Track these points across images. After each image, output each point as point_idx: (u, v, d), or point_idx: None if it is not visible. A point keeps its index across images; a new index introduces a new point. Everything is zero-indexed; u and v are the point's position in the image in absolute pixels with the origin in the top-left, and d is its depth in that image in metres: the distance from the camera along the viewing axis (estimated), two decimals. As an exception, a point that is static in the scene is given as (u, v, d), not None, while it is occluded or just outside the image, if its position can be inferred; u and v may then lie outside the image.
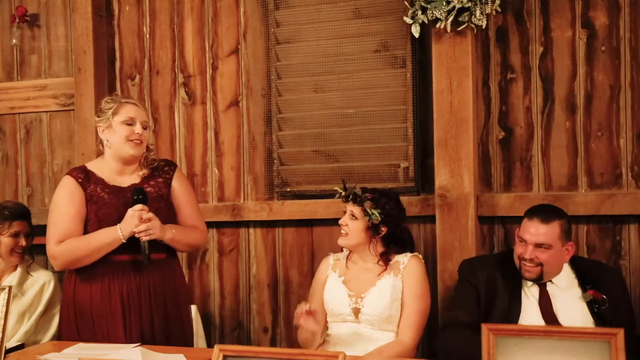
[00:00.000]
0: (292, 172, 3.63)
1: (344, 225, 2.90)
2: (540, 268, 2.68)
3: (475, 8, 3.05)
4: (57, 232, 2.75)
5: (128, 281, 2.75)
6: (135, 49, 3.91)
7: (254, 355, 1.84)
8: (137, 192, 2.74)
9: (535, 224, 2.69)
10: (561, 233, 2.68)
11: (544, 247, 2.66)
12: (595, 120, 3.15)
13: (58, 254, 2.75)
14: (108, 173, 2.85)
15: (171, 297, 2.84)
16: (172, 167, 2.97)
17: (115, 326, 2.72)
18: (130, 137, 2.80)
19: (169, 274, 2.85)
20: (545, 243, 2.66)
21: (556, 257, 2.69)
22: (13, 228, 3.21)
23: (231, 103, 3.75)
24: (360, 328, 2.84)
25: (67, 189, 2.80)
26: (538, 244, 2.66)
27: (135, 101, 2.90)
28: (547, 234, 2.66)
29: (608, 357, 1.65)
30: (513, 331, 1.76)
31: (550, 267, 2.69)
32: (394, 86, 3.43)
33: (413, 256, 2.90)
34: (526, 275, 2.71)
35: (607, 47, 3.13)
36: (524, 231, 2.71)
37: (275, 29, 3.63)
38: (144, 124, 2.85)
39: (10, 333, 2.98)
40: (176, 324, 2.85)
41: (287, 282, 3.68)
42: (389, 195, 2.95)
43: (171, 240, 2.79)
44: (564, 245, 2.69)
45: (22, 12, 4.00)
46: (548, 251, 2.66)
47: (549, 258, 2.67)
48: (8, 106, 4.10)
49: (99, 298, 2.74)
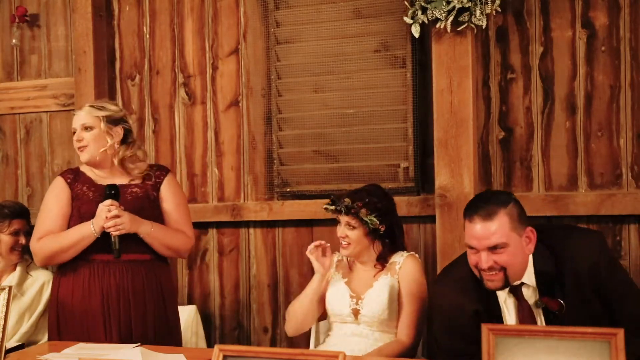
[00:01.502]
0: (292, 172, 3.63)
1: (343, 237, 2.85)
2: (502, 273, 2.24)
3: (475, 8, 3.05)
4: (40, 229, 2.81)
5: (108, 281, 2.75)
6: (135, 49, 3.91)
7: (254, 355, 1.84)
8: (109, 187, 2.73)
9: (478, 224, 2.24)
10: (512, 223, 2.24)
11: (498, 249, 2.22)
12: (595, 120, 3.15)
13: (37, 250, 2.81)
14: (94, 174, 2.88)
15: (153, 299, 2.81)
16: (164, 172, 2.96)
17: (96, 326, 2.73)
18: (75, 146, 2.85)
19: (152, 276, 2.82)
20: (498, 244, 2.22)
21: (517, 254, 2.25)
22: (13, 226, 3.23)
23: (231, 103, 3.75)
24: (360, 329, 2.84)
25: (55, 189, 2.86)
26: (490, 247, 2.23)
27: (81, 109, 2.90)
28: (496, 233, 2.21)
29: (608, 357, 1.65)
30: (513, 331, 1.76)
31: (515, 267, 2.26)
32: (394, 86, 3.43)
33: (409, 255, 2.89)
34: (490, 286, 2.28)
35: (607, 47, 3.13)
36: (469, 237, 2.27)
37: (275, 29, 3.63)
38: (83, 126, 2.84)
39: (10, 333, 2.98)
40: (159, 327, 2.82)
41: (287, 282, 3.68)
42: (374, 192, 2.89)
43: (148, 235, 2.76)
44: (521, 235, 2.25)
45: (22, 12, 4.00)
46: (505, 250, 2.22)
47: (509, 258, 2.23)
48: (8, 106, 4.10)
49: (79, 297, 2.76)
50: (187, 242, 2.91)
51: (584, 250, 2.31)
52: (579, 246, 2.33)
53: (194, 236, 2.98)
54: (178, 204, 2.92)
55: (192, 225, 2.97)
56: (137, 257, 2.78)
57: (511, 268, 2.25)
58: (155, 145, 3.87)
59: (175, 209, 2.90)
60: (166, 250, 2.86)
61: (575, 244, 2.35)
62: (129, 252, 2.76)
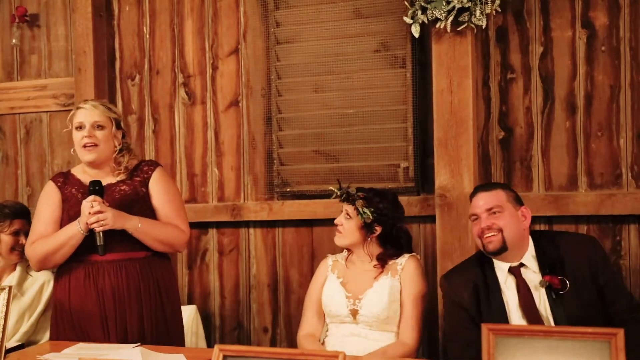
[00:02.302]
0: (292, 172, 3.63)
1: (338, 224, 2.91)
2: (500, 234, 2.57)
3: (475, 8, 3.05)
4: (33, 234, 2.81)
5: (103, 281, 2.72)
6: (135, 49, 3.91)
7: (254, 355, 1.84)
8: (93, 184, 2.69)
9: (479, 195, 2.66)
10: (508, 197, 2.63)
11: (495, 211, 2.59)
12: (595, 120, 3.15)
13: (30, 254, 2.81)
14: (84, 176, 2.84)
15: (149, 298, 2.77)
16: (152, 167, 2.89)
17: (94, 327, 2.72)
18: (81, 143, 2.78)
19: (148, 274, 2.78)
20: (494, 206, 2.60)
21: (513, 222, 2.60)
22: (13, 226, 3.23)
23: (231, 103, 3.75)
24: (358, 329, 2.84)
25: (46, 194, 2.86)
26: (488, 209, 2.60)
27: (88, 104, 2.83)
28: (493, 198, 2.61)
29: (608, 357, 1.65)
30: (513, 331, 1.76)
31: (511, 232, 2.58)
32: (394, 86, 3.43)
33: (411, 256, 2.90)
34: (490, 248, 2.59)
35: (607, 47, 3.13)
36: (472, 207, 2.67)
37: (275, 29, 3.63)
38: (95, 124, 2.79)
39: (10, 333, 2.99)
40: (158, 326, 2.79)
41: (287, 282, 3.68)
42: (384, 194, 2.94)
43: (136, 231, 2.71)
44: (516, 209, 2.63)
45: (22, 12, 4.00)
46: (502, 214, 2.59)
47: (505, 221, 2.58)
48: (8, 106, 4.10)
49: (77, 299, 2.74)
50: (181, 236, 2.83)
51: (582, 244, 2.65)
52: (578, 239, 2.73)
53: (189, 229, 2.88)
54: (168, 199, 2.85)
55: (186, 218, 2.88)
56: (131, 255, 2.75)
57: (507, 231, 2.58)
58: (155, 145, 3.87)
59: (167, 204, 2.83)
60: (160, 245, 2.79)
61: (574, 238, 2.75)
62: (122, 251, 2.73)
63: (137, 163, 2.89)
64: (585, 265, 2.56)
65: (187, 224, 2.88)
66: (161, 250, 2.83)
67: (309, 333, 2.94)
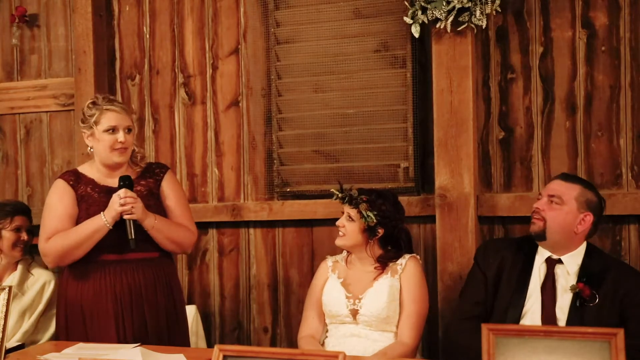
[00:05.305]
0: (292, 172, 3.63)
1: (340, 226, 2.91)
2: (543, 223, 2.63)
3: (475, 8, 3.05)
4: (47, 230, 2.79)
5: (120, 281, 2.75)
6: (135, 49, 3.91)
7: (254, 355, 1.84)
8: (123, 179, 2.75)
9: (556, 181, 2.70)
10: (579, 196, 2.63)
11: (555, 201, 2.62)
12: (595, 120, 3.15)
13: (48, 250, 2.79)
14: (98, 175, 2.87)
15: (164, 297, 2.83)
16: (164, 169, 2.99)
17: (108, 326, 2.73)
18: (114, 147, 2.80)
19: (161, 273, 2.84)
20: (557, 195, 2.62)
21: (564, 219, 2.62)
22: (15, 223, 3.23)
23: (231, 103, 3.75)
24: (358, 329, 2.84)
25: (58, 191, 2.85)
26: (550, 195, 2.64)
27: (116, 106, 2.85)
28: (562, 189, 2.63)
29: (608, 357, 1.65)
30: (513, 331, 1.76)
31: (553, 226, 2.63)
32: (394, 86, 3.43)
33: (411, 257, 2.91)
34: (531, 228, 2.68)
35: (607, 47, 3.13)
36: (544, 188, 2.73)
37: (275, 29, 3.63)
38: (127, 128, 2.84)
39: (10, 333, 2.98)
40: (170, 324, 2.84)
41: (287, 282, 3.68)
42: (386, 196, 2.94)
43: (152, 228, 2.77)
44: (580, 211, 2.62)
45: (22, 12, 3.99)
46: (558, 207, 2.61)
47: (555, 215, 2.62)
48: (8, 106, 4.10)
49: (90, 298, 2.75)
50: (190, 237, 2.93)
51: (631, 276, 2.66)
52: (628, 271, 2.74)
53: (197, 231, 3.00)
54: (179, 201, 2.95)
55: (193, 220, 2.99)
56: (145, 255, 2.80)
57: (551, 224, 2.62)
58: (155, 145, 3.87)
59: (178, 205, 2.92)
60: (170, 244, 2.86)
61: (626, 268, 2.78)
62: (137, 251, 2.76)
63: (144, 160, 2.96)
64: (622, 293, 2.58)
65: (195, 225, 2.98)
66: (171, 249, 2.90)
67: (310, 334, 2.94)
